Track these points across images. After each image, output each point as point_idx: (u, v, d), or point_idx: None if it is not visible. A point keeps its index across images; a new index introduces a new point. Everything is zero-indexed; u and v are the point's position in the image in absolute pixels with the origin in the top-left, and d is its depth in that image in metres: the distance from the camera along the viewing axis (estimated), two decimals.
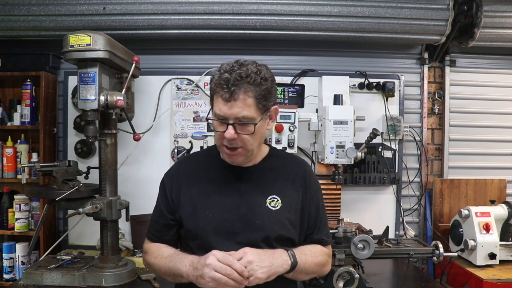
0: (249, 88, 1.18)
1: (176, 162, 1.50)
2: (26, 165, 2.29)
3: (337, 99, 2.21)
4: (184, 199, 1.33)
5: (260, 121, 1.23)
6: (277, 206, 1.30)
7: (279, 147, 2.18)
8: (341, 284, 1.73)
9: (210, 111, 1.30)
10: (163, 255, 1.31)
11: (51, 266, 2.00)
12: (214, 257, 1.14)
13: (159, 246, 1.36)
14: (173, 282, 1.32)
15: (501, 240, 2.28)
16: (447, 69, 2.75)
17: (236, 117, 1.19)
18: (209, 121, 1.29)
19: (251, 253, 1.17)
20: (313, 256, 1.32)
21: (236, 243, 1.23)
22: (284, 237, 1.30)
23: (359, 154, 2.15)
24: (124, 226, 2.37)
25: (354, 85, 2.55)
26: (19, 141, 2.51)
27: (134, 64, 2.03)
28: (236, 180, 1.32)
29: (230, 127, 1.20)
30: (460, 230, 2.39)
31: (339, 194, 2.35)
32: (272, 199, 1.31)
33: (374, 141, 2.26)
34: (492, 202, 2.43)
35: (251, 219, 1.28)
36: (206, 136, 2.57)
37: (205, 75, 2.56)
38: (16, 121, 2.50)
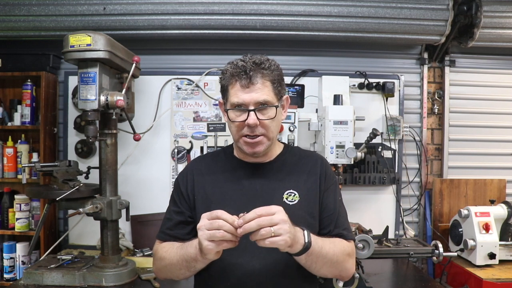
0: (266, 73, 1.21)
1: (190, 161, 1.46)
2: (26, 165, 2.28)
3: (337, 99, 2.22)
4: (199, 196, 1.30)
5: (278, 107, 1.24)
6: (295, 200, 1.26)
7: None
8: (340, 284, 1.74)
9: (225, 105, 1.27)
10: (174, 246, 1.25)
11: (52, 266, 2.00)
12: (204, 217, 1.06)
13: (171, 242, 1.28)
14: (188, 273, 1.22)
15: (500, 240, 2.29)
16: (447, 69, 2.76)
17: (257, 102, 1.20)
18: (228, 110, 1.25)
19: (284, 213, 1.05)
20: (331, 243, 1.20)
21: (253, 242, 1.14)
22: None
23: (359, 154, 2.15)
24: (124, 226, 2.37)
25: (354, 85, 2.56)
26: (19, 141, 2.51)
27: (134, 64, 2.03)
28: (251, 176, 1.30)
29: (252, 113, 1.19)
30: (460, 230, 2.39)
31: None
32: (289, 194, 1.27)
33: (374, 141, 2.27)
34: (492, 202, 2.43)
35: None
36: (206, 136, 2.58)
37: (205, 75, 2.56)
38: (17, 121, 2.51)
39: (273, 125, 1.25)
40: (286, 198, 1.27)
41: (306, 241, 1.11)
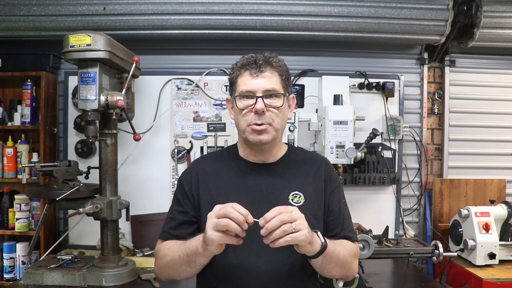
0: (275, 65, 1.26)
1: (193, 161, 1.45)
2: (26, 165, 2.28)
3: (337, 99, 2.22)
4: (204, 197, 1.28)
5: (285, 100, 1.26)
6: (300, 202, 1.26)
7: None
8: (341, 284, 1.73)
9: (233, 98, 1.28)
10: (178, 243, 1.23)
11: (52, 266, 2.00)
12: (217, 206, 1.06)
13: (174, 240, 1.26)
14: (189, 270, 1.20)
15: (500, 240, 2.29)
16: (447, 69, 2.76)
17: (265, 89, 1.22)
18: (236, 99, 1.26)
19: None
20: (340, 245, 1.23)
21: (259, 243, 1.11)
22: None
23: (359, 154, 2.15)
24: (124, 226, 2.37)
25: (354, 85, 2.56)
26: (19, 141, 2.51)
27: (134, 64, 2.03)
28: (256, 176, 1.29)
29: (260, 99, 1.21)
30: (460, 230, 2.39)
31: None
32: (294, 195, 1.27)
33: (374, 141, 2.27)
34: (492, 202, 2.43)
35: None
36: (206, 136, 2.58)
37: (205, 75, 2.57)
38: (17, 121, 2.51)
39: (279, 117, 1.25)
40: (292, 200, 1.27)
41: (323, 240, 1.13)
